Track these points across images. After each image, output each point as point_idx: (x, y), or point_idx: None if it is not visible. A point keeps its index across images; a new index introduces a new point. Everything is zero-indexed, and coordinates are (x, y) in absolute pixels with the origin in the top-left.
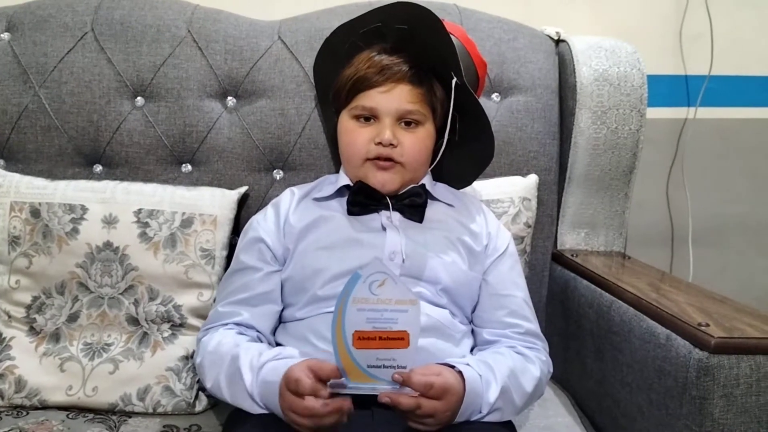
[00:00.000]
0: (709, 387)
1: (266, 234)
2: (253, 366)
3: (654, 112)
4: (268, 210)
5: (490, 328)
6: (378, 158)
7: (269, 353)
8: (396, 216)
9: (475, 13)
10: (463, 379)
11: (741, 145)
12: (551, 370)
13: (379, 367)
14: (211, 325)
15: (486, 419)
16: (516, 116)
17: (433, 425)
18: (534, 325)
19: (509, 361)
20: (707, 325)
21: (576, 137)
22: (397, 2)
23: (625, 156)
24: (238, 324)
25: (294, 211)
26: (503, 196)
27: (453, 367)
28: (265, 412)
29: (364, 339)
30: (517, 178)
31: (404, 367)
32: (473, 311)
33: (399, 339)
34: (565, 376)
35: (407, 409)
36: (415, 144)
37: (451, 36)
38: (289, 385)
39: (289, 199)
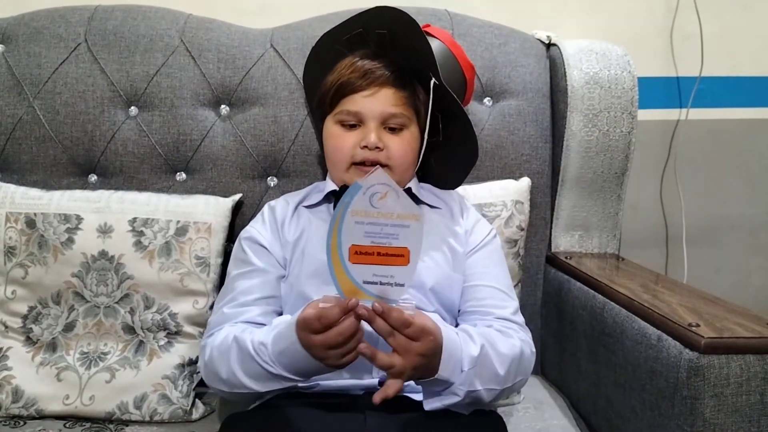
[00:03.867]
0: (700, 387)
1: (267, 241)
2: (257, 342)
3: (646, 114)
4: (266, 217)
5: (467, 321)
6: (364, 163)
7: (274, 323)
8: None
9: (466, 19)
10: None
11: (733, 146)
12: (534, 350)
13: (376, 283)
14: (216, 329)
15: (466, 389)
16: (508, 120)
17: (408, 368)
18: (509, 312)
19: (484, 330)
20: (698, 325)
21: (568, 140)
22: (376, 7)
23: (617, 158)
24: (246, 322)
25: (289, 222)
26: (495, 200)
27: None
28: (293, 378)
29: (361, 254)
30: (510, 182)
31: (402, 285)
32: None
33: (398, 256)
34: (561, 377)
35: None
36: (401, 146)
37: (437, 40)
38: (312, 326)
39: (283, 209)
